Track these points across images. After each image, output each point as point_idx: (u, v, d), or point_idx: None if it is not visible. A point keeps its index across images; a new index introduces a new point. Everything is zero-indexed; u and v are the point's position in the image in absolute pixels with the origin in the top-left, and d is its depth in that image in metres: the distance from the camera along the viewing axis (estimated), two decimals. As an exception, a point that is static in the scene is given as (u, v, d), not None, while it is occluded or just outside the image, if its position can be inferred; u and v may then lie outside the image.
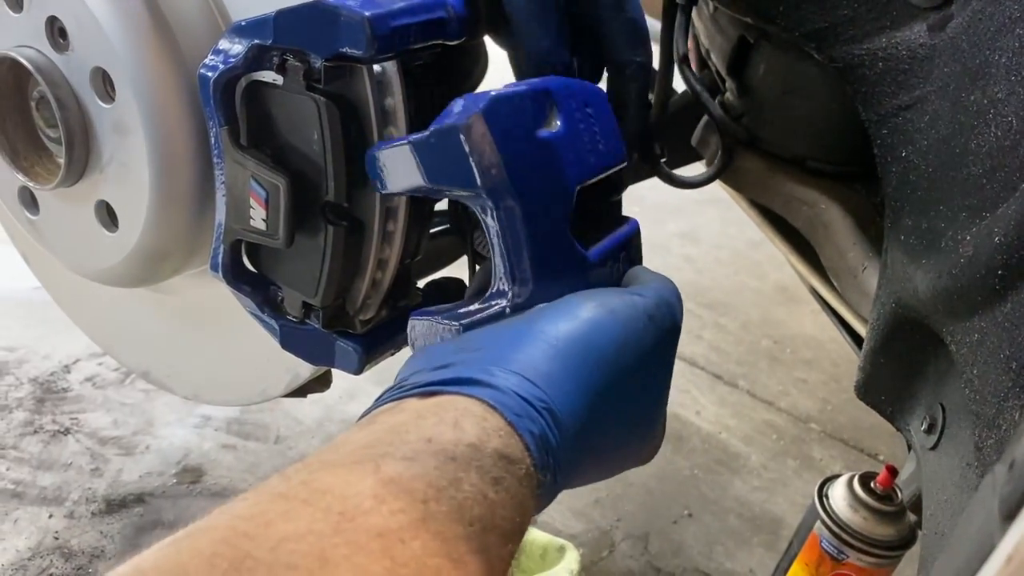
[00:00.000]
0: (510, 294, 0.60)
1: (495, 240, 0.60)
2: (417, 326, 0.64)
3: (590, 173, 0.66)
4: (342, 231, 0.69)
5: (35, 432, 1.43)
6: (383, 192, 0.63)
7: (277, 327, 0.74)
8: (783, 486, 1.69)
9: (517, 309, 0.60)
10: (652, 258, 2.39)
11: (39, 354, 1.59)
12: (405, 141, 0.60)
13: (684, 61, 0.88)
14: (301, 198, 0.67)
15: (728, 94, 0.95)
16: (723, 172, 0.86)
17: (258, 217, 0.69)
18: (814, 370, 2.07)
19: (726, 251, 2.51)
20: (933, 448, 0.71)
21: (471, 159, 0.57)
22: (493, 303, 0.61)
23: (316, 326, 0.72)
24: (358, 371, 0.75)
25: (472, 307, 0.62)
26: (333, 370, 0.83)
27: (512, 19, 0.71)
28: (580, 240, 0.64)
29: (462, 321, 0.61)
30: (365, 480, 0.40)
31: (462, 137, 0.57)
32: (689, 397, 1.87)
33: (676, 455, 1.70)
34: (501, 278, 0.61)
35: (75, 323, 1.06)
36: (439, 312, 0.64)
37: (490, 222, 0.59)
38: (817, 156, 0.87)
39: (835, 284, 0.85)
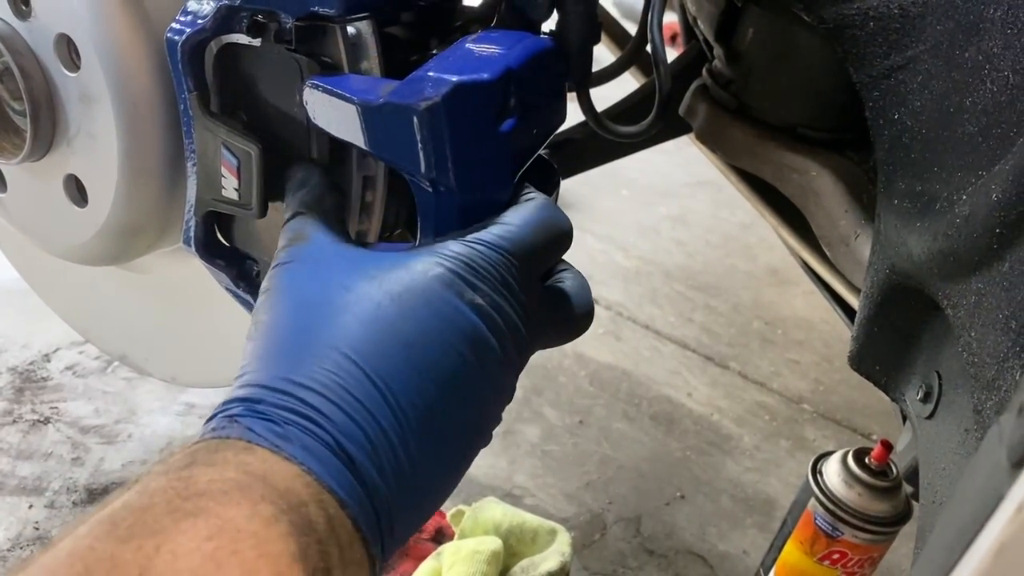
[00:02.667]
0: None
1: (427, 217, 0.59)
2: None
3: (533, 152, 0.65)
4: None
5: (14, 422, 1.40)
6: (312, 121, 0.60)
7: (253, 302, 0.72)
8: (776, 467, 1.68)
9: None
10: (642, 242, 2.38)
11: (18, 343, 1.56)
12: (354, 99, 0.57)
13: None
14: (281, 163, 0.65)
15: (716, 61, 0.93)
16: (656, 128, 0.82)
17: (230, 187, 0.66)
18: (806, 351, 2.06)
19: (717, 234, 2.49)
20: (930, 417, 0.69)
21: (419, 145, 0.55)
22: None
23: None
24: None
25: None
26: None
27: None
28: None
29: None
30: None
31: (415, 121, 0.55)
32: (680, 379, 1.86)
33: (668, 437, 1.69)
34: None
35: (50, 307, 1.04)
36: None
37: (422, 198, 0.58)
38: (807, 123, 0.85)
39: (827, 253, 0.83)
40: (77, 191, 0.77)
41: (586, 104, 0.83)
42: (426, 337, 0.48)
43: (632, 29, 1.33)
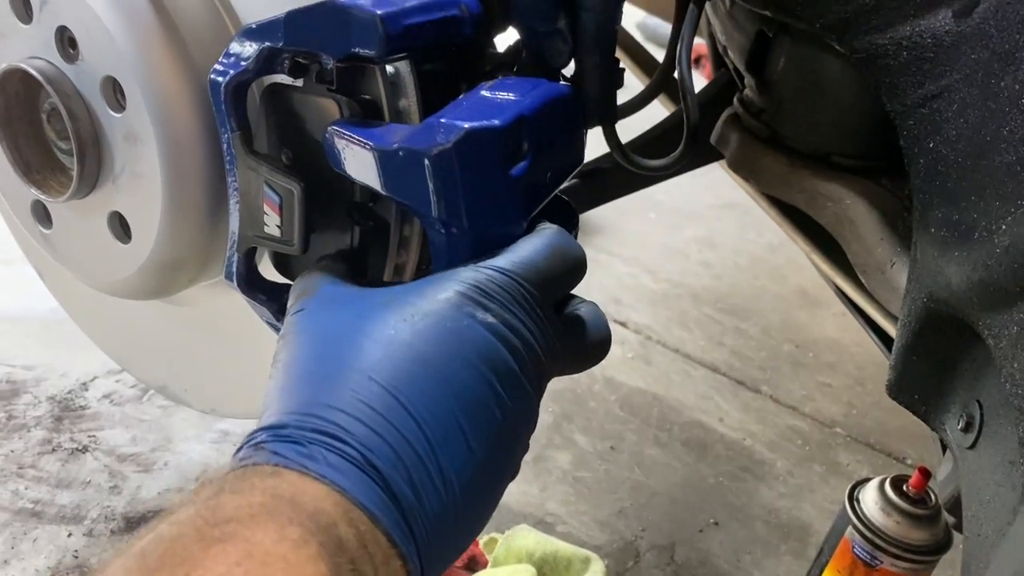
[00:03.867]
0: None
1: (436, 255, 0.60)
2: None
3: (547, 194, 0.66)
4: (369, 231, 0.69)
5: (53, 450, 1.42)
6: (338, 169, 0.62)
7: (294, 336, 0.73)
8: (810, 492, 1.66)
9: None
10: (670, 264, 2.38)
11: (56, 372, 1.59)
12: (371, 146, 0.59)
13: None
14: (323, 200, 0.67)
15: (747, 90, 0.93)
16: (684, 161, 0.83)
17: (272, 223, 0.67)
18: (837, 374, 2.04)
19: (745, 256, 2.48)
20: (971, 447, 0.69)
21: (432, 189, 0.57)
22: None
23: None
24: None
25: None
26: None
27: (517, 11, 0.71)
28: None
29: None
30: None
31: (427, 165, 0.56)
32: (712, 403, 1.85)
33: (700, 463, 1.68)
34: None
35: (91, 339, 1.06)
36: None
37: (435, 238, 0.59)
38: (841, 150, 0.85)
39: (863, 281, 0.83)
40: (121, 227, 0.78)
41: (612, 139, 0.84)
42: (442, 354, 0.49)
43: (655, 51, 1.34)
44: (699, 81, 0.92)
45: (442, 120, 0.58)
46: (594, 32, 0.73)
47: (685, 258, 2.42)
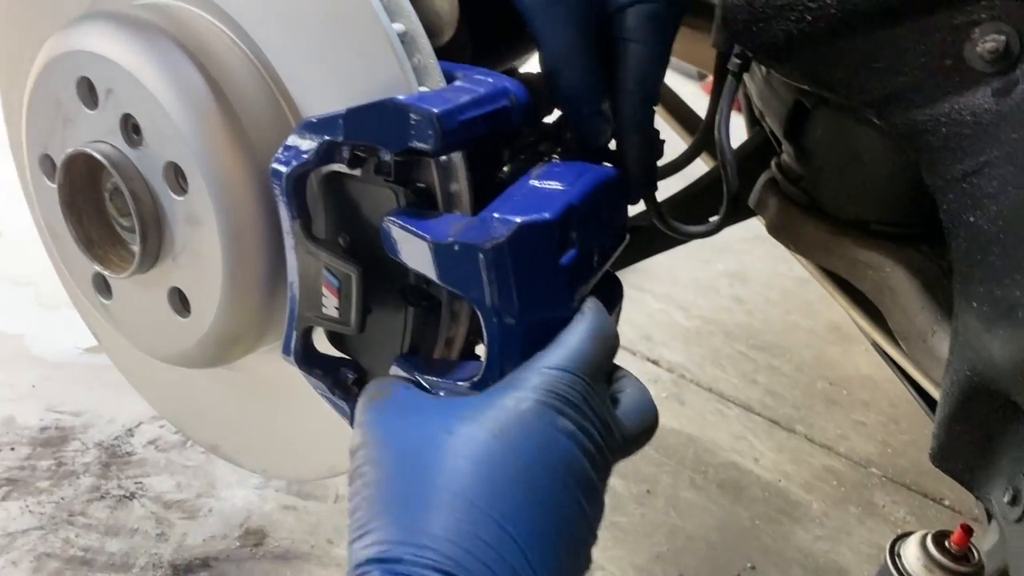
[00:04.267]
0: None
1: (492, 346, 0.62)
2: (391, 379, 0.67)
3: (594, 276, 0.69)
4: (422, 311, 0.71)
5: (102, 497, 1.46)
6: (394, 256, 0.65)
7: (348, 409, 0.75)
8: (846, 535, 1.66)
9: None
10: (701, 300, 2.40)
11: (103, 418, 1.62)
12: (427, 239, 0.62)
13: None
14: (379, 281, 0.69)
15: (785, 156, 0.95)
16: (722, 228, 0.85)
17: (330, 305, 0.70)
18: (872, 412, 2.04)
19: (776, 290, 2.48)
20: (1020, 520, 0.69)
21: (486, 280, 0.59)
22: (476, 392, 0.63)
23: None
24: (429, 451, 0.76)
25: (458, 386, 0.64)
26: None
27: (562, 98, 0.73)
28: None
29: (441, 391, 0.64)
30: None
31: (481, 259, 0.59)
32: (746, 444, 1.85)
33: (736, 505, 1.68)
34: (493, 376, 0.63)
35: (146, 400, 1.09)
36: (423, 372, 0.67)
37: (488, 324, 0.62)
38: (880, 218, 0.86)
39: (904, 348, 0.84)
40: (180, 302, 0.81)
41: (653, 207, 0.86)
42: (532, 471, 0.51)
43: (685, 84, 1.36)
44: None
45: (495, 215, 0.61)
46: (634, 113, 0.75)
47: (716, 293, 2.43)
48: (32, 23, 0.92)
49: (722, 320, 2.30)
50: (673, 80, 1.62)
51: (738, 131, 0.92)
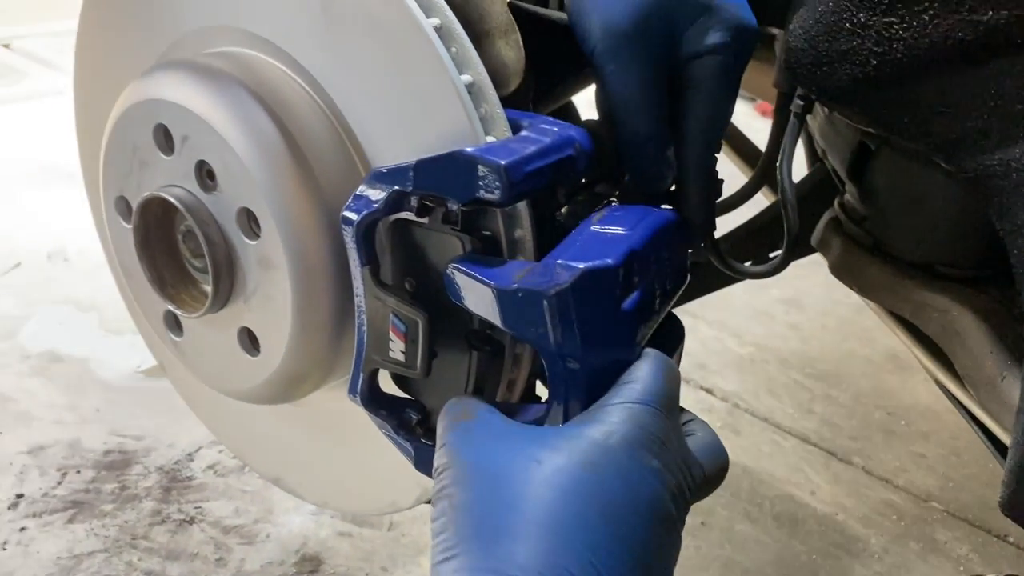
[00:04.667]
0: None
1: (556, 389, 0.63)
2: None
3: (657, 319, 0.70)
4: (486, 355, 0.72)
5: (163, 521, 1.49)
6: (458, 303, 0.66)
7: (411, 449, 0.76)
8: (906, 572, 1.63)
9: None
10: (756, 327, 2.38)
11: (164, 443, 1.66)
12: (491, 285, 0.63)
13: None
14: (444, 326, 0.70)
15: (848, 195, 0.94)
16: (783, 269, 0.86)
17: (397, 349, 0.71)
18: (932, 444, 2.00)
19: (832, 317, 2.45)
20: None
21: (549, 326, 0.60)
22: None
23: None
24: (490, 492, 0.77)
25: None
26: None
27: (628, 146, 0.74)
28: None
29: None
30: None
31: (546, 304, 0.60)
32: (803, 476, 1.82)
33: (792, 539, 1.66)
34: (556, 419, 0.63)
35: (211, 432, 1.11)
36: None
37: (552, 369, 0.62)
38: (946, 261, 0.85)
39: (972, 393, 0.83)
40: (250, 342, 0.83)
41: (712, 249, 0.86)
42: (619, 506, 0.53)
43: (737, 105, 1.35)
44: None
45: (559, 261, 0.61)
46: (698, 160, 0.76)
47: (771, 320, 2.41)
48: (109, 70, 0.96)
49: (777, 348, 2.27)
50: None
51: (797, 164, 0.92)
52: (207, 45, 0.84)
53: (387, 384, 0.77)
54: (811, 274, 2.63)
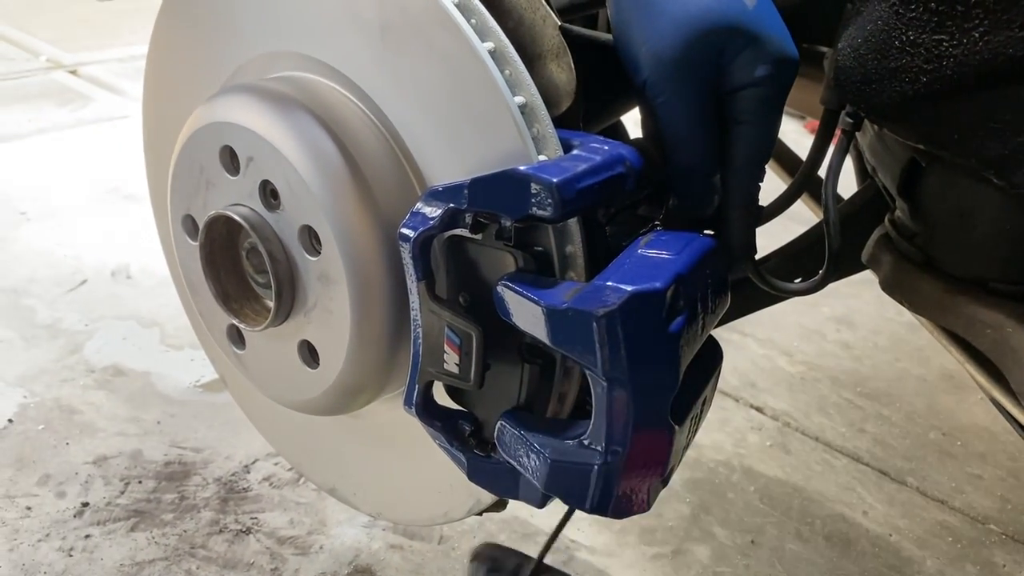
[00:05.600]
0: (601, 456, 0.65)
1: (600, 406, 0.64)
2: (507, 435, 0.72)
3: (700, 340, 0.71)
4: (537, 369, 0.74)
5: (220, 532, 1.53)
6: (507, 319, 0.68)
7: (465, 460, 0.78)
8: (964, 595, 1.60)
9: (605, 467, 0.65)
10: (806, 345, 2.36)
11: (222, 454, 1.70)
12: (541, 303, 0.65)
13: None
14: (497, 339, 0.72)
15: (898, 212, 0.94)
16: (824, 286, 0.86)
17: (451, 362, 0.74)
18: (989, 465, 1.96)
19: (885, 336, 2.42)
20: None
21: (597, 345, 0.62)
22: (585, 455, 0.66)
23: (504, 458, 0.75)
24: (541, 505, 0.78)
25: (566, 443, 0.67)
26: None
27: (678, 172, 0.76)
28: None
29: (550, 456, 0.68)
30: None
31: (595, 326, 0.62)
32: (855, 496, 1.80)
33: (844, 559, 1.64)
34: (598, 435, 0.65)
35: (269, 443, 1.14)
36: (532, 428, 0.70)
37: (599, 391, 0.64)
38: (999, 277, 0.85)
39: (1026, 410, 0.82)
40: (310, 355, 0.86)
41: (753, 270, 0.87)
42: None
43: (786, 123, 1.35)
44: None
45: (608, 283, 0.63)
46: (742, 188, 0.77)
47: (822, 338, 2.38)
48: (177, 95, 1.00)
49: (828, 366, 2.25)
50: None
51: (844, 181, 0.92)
52: (270, 70, 0.88)
53: (441, 397, 0.79)
54: (862, 292, 2.61)
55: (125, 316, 2.12)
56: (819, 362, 2.27)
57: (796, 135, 3.32)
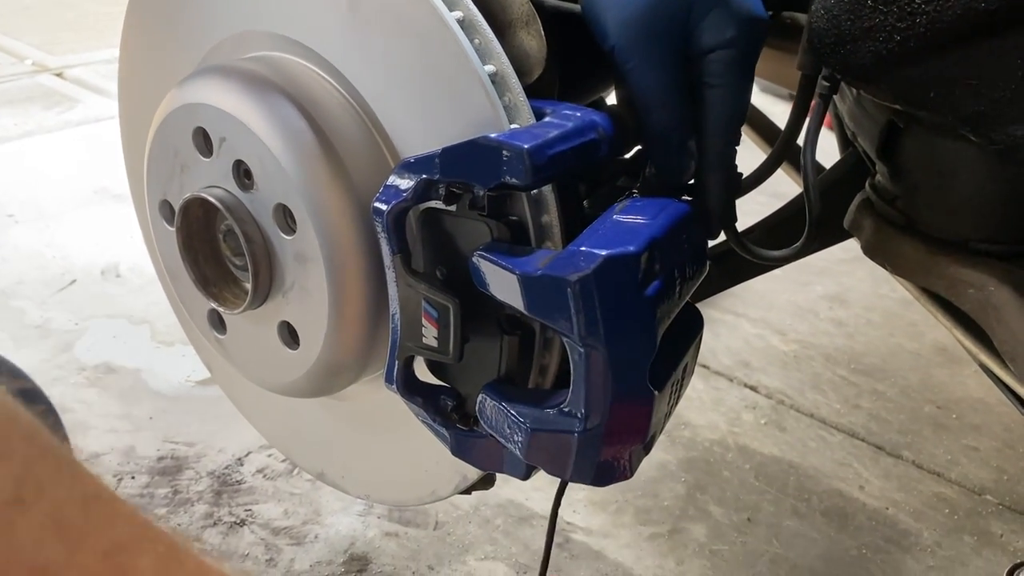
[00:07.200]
0: (581, 423, 0.65)
1: (578, 372, 0.64)
2: (488, 407, 0.71)
3: (677, 307, 0.71)
4: (516, 340, 0.73)
5: (215, 524, 1.52)
6: (483, 290, 0.68)
7: (448, 435, 0.78)
8: (961, 565, 1.60)
9: (585, 434, 0.65)
10: (800, 324, 2.36)
11: (215, 448, 1.70)
12: (515, 271, 0.64)
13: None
14: (475, 311, 0.72)
15: (879, 176, 0.94)
16: (806, 253, 0.85)
17: (430, 335, 0.73)
18: (985, 436, 1.96)
19: (878, 312, 2.42)
20: None
21: (573, 312, 0.61)
22: (564, 422, 0.66)
23: (486, 431, 0.75)
24: (525, 476, 0.78)
25: (546, 412, 0.67)
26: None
27: (653, 136, 0.75)
28: None
29: (531, 425, 0.67)
30: None
31: (569, 292, 0.61)
32: (851, 471, 1.80)
33: (841, 533, 1.63)
34: (577, 402, 0.65)
35: (256, 429, 1.14)
36: (512, 398, 0.70)
37: (576, 358, 0.63)
38: (981, 236, 0.84)
39: (1011, 369, 0.82)
40: (290, 335, 0.86)
41: (733, 236, 0.87)
42: None
43: (775, 104, 1.35)
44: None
45: (582, 248, 0.63)
46: (718, 153, 0.77)
47: (815, 316, 2.38)
48: (151, 81, 0.99)
49: (822, 344, 2.25)
50: (764, 101, 1.61)
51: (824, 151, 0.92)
52: (241, 51, 0.87)
53: (424, 374, 0.79)
54: (855, 270, 2.61)
55: (115, 314, 2.12)
56: (812, 340, 2.26)
57: (786, 116, 3.30)
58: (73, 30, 4.26)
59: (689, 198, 0.80)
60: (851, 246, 2.48)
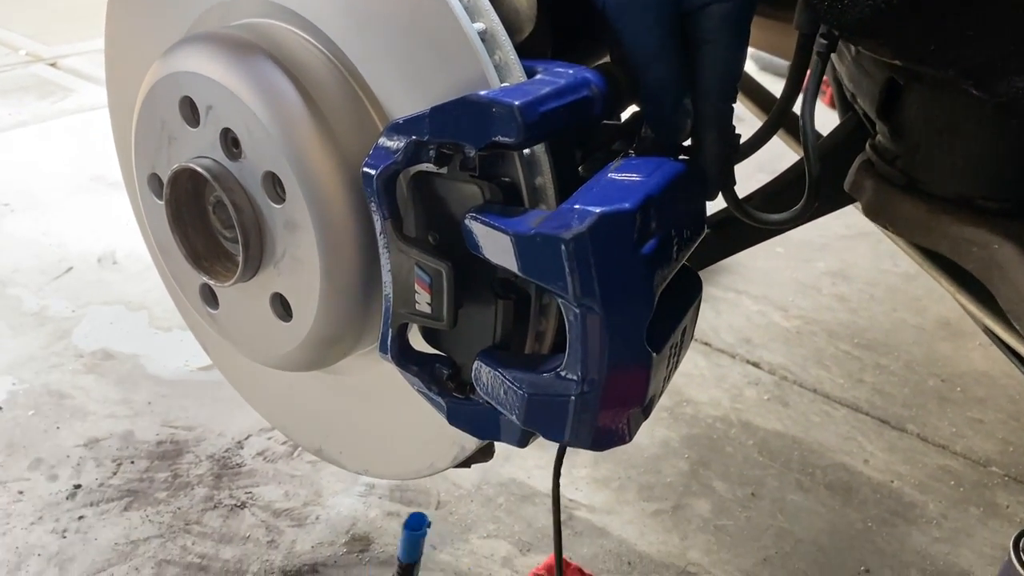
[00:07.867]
0: (578, 386, 0.63)
1: (574, 334, 0.62)
2: (484, 374, 0.69)
3: (674, 268, 0.69)
4: (511, 304, 0.72)
5: (215, 507, 1.51)
6: (476, 253, 0.66)
7: (444, 404, 0.77)
8: (967, 536, 1.59)
9: (582, 397, 0.63)
10: (802, 300, 2.34)
11: (214, 432, 1.69)
12: (508, 231, 0.63)
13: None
14: (469, 276, 0.70)
15: (880, 137, 0.92)
16: (807, 215, 0.83)
17: (423, 301, 0.72)
18: (989, 409, 1.94)
19: (881, 287, 2.40)
20: None
21: (567, 271, 0.60)
22: (561, 386, 0.64)
23: (482, 399, 0.73)
24: (522, 444, 0.76)
25: (542, 376, 0.65)
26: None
27: (648, 93, 0.74)
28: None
29: (527, 390, 0.66)
30: None
31: (563, 249, 0.59)
32: (855, 444, 1.79)
33: (846, 507, 1.62)
34: (574, 364, 0.63)
35: (252, 406, 1.13)
36: (507, 364, 0.68)
37: (572, 319, 0.62)
38: (985, 194, 0.83)
39: (1016, 326, 0.80)
40: (282, 307, 0.84)
41: (732, 199, 0.85)
42: None
43: (769, 81, 1.33)
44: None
45: (576, 206, 0.61)
46: (714, 110, 0.75)
47: (817, 292, 2.37)
48: (137, 56, 0.98)
49: (824, 320, 2.23)
50: (767, 80, 1.59)
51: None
52: (226, 18, 0.86)
53: (419, 344, 0.78)
54: (858, 245, 2.59)
55: (112, 301, 2.10)
56: (815, 316, 2.25)
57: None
58: (67, 20, 4.23)
59: (686, 157, 0.78)
60: (853, 222, 2.45)
